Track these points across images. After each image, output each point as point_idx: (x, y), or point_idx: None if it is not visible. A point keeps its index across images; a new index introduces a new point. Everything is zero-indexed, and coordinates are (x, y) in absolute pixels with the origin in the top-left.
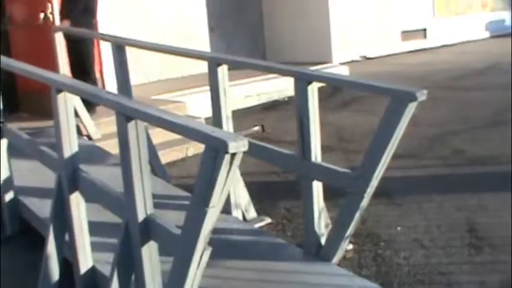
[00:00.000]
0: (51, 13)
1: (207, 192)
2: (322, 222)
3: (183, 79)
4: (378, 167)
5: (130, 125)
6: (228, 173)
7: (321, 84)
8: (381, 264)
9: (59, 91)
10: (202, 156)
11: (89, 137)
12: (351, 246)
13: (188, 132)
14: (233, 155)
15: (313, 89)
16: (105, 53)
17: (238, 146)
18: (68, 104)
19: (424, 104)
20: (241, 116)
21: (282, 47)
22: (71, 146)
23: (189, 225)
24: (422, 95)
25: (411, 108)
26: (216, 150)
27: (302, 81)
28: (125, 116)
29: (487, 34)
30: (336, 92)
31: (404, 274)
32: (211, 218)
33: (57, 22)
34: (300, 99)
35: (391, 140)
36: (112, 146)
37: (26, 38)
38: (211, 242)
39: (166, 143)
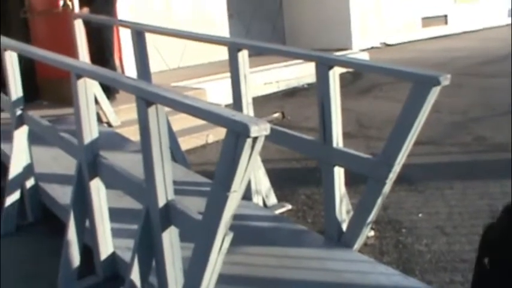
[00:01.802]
0: (71, 0)
1: (229, 177)
2: (343, 209)
3: (202, 66)
4: (401, 153)
5: (151, 110)
6: (249, 157)
7: (342, 70)
8: (403, 251)
9: (79, 77)
10: (223, 141)
11: (109, 124)
12: (372, 233)
13: (209, 116)
14: (255, 139)
15: (335, 74)
16: (124, 40)
17: (260, 129)
18: (88, 90)
19: (445, 90)
20: (260, 102)
21: (301, 34)
22: (91, 132)
23: (210, 210)
24: (445, 80)
25: (434, 93)
26: (237, 134)
27: (323, 66)
28: (145, 100)
29: (509, 20)
30: (355, 78)
31: (426, 261)
32: (233, 203)
33: (77, 9)
34: (321, 84)
35: (414, 125)
36: (131, 133)
37: (45, 25)
38: (231, 228)
39: (187, 130)
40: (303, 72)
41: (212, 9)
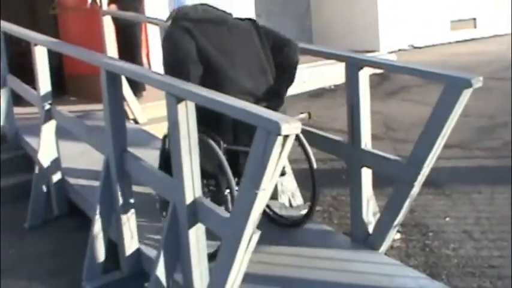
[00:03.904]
0: None
1: (258, 175)
2: (370, 210)
3: None
4: (430, 156)
5: (180, 106)
6: (279, 155)
7: (372, 70)
8: (429, 254)
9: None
10: (254, 138)
11: (136, 121)
12: (398, 236)
13: (240, 113)
14: (285, 137)
15: (364, 75)
16: (152, 37)
17: (291, 128)
18: (117, 85)
19: (474, 94)
20: (287, 102)
21: (329, 35)
22: (119, 128)
23: (238, 208)
24: (477, 82)
25: (466, 96)
26: (268, 132)
27: (353, 67)
28: (175, 97)
29: None
30: (383, 80)
31: (453, 266)
32: (262, 201)
33: (105, 6)
34: (350, 85)
35: (444, 127)
36: (158, 130)
37: (73, 22)
38: (258, 227)
39: None
40: (330, 73)
41: (240, 9)
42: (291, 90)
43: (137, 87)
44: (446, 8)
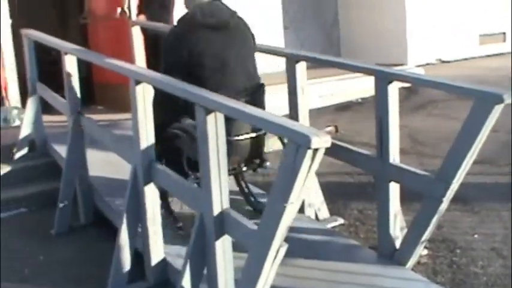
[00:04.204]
0: (128, 8)
1: (287, 188)
2: (397, 225)
3: None
4: (459, 171)
5: (210, 118)
6: (309, 169)
7: (399, 84)
8: (457, 271)
9: (138, 82)
10: (283, 151)
11: None
12: (425, 252)
13: (270, 126)
14: (315, 150)
15: (394, 89)
16: None
17: (321, 141)
18: (146, 95)
19: (503, 109)
20: (313, 115)
21: (356, 47)
22: (147, 137)
23: (267, 221)
24: (509, 98)
25: (497, 111)
26: (298, 145)
27: (382, 80)
28: (205, 108)
29: None
30: (410, 94)
31: (481, 284)
32: (290, 214)
33: (134, 17)
34: (379, 99)
35: (474, 143)
36: None
37: (103, 31)
38: (284, 240)
39: None
40: (357, 86)
41: (267, 20)
42: (317, 103)
43: None
44: (475, 22)
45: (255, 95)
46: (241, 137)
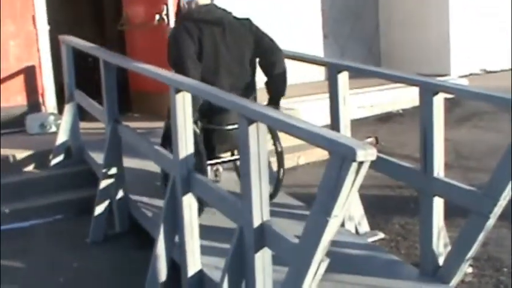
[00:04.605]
0: (166, 15)
1: (330, 201)
2: (440, 242)
3: (295, 86)
4: (508, 187)
5: (252, 128)
6: (353, 182)
7: (447, 96)
8: None
9: (178, 91)
10: (327, 164)
11: None
12: (470, 270)
13: (313, 137)
14: (360, 163)
15: (439, 100)
16: None
17: (367, 154)
18: (186, 104)
19: None
20: (353, 126)
21: (397, 57)
22: (186, 147)
23: (308, 234)
24: None
25: None
26: (343, 157)
27: (427, 92)
28: (247, 118)
29: None
30: (454, 106)
31: None
32: (332, 228)
33: (172, 24)
34: (424, 111)
35: None
36: None
37: (140, 38)
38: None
39: None
40: (398, 97)
41: (307, 29)
42: (358, 114)
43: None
44: None
45: (245, 93)
46: (235, 126)
